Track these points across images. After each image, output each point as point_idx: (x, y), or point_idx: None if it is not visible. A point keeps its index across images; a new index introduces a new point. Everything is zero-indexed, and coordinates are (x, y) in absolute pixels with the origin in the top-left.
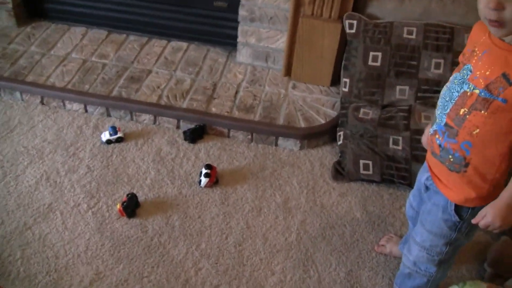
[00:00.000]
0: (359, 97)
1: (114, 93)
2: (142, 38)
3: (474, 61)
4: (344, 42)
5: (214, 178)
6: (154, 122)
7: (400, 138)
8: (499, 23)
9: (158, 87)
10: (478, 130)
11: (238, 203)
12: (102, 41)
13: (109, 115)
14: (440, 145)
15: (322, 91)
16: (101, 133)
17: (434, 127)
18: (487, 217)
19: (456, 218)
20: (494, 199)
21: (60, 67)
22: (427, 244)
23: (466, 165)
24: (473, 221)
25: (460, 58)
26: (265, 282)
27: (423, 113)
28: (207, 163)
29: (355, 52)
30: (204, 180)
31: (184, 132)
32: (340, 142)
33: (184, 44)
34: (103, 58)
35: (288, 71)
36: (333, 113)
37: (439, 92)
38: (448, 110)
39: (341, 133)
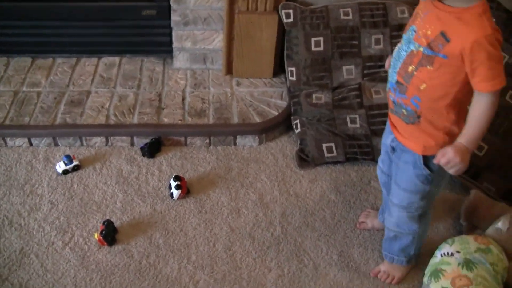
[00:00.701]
0: (308, 83)
1: (58, 120)
2: (71, 59)
3: (417, 22)
4: (281, 32)
5: (186, 188)
6: (107, 143)
7: (357, 116)
8: None
9: (103, 107)
10: (425, 85)
11: (215, 208)
12: (29, 68)
13: (57, 144)
14: (393, 101)
15: (266, 83)
16: (54, 164)
17: (388, 85)
18: (448, 153)
19: (427, 171)
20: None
21: None
22: (405, 203)
23: (418, 117)
24: (435, 160)
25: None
26: (265, 280)
27: (373, 89)
28: (175, 174)
29: (296, 40)
30: (176, 193)
31: (142, 148)
32: (298, 130)
33: (116, 59)
34: (35, 86)
35: (229, 69)
36: (283, 103)
37: (383, 66)
38: (398, 68)
39: (297, 121)
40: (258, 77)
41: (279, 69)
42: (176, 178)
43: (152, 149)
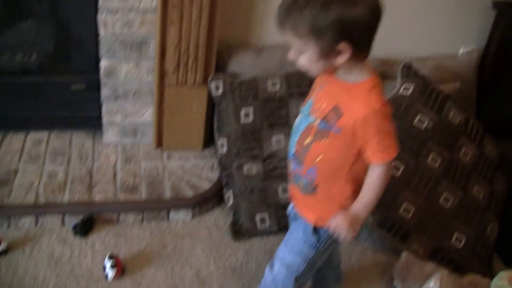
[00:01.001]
0: (239, 155)
1: None
2: None
3: (314, 95)
4: (211, 104)
5: (121, 267)
6: (37, 224)
7: (288, 185)
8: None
9: (32, 185)
10: (320, 158)
11: (152, 287)
12: None
13: None
14: (293, 172)
15: (197, 155)
16: None
17: (289, 156)
18: (337, 220)
19: (314, 239)
20: None
21: None
22: (286, 261)
23: (314, 188)
24: (326, 225)
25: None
26: None
27: None
28: (109, 253)
29: (226, 112)
30: (111, 273)
31: (74, 227)
32: (230, 203)
33: (44, 134)
34: None
35: (159, 142)
36: (214, 175)
37: None
38: (296, 140)
39: (229, 193)
40: (188, 149)
41: (209, 141)
42: (111, 257)
43: (84, 228)
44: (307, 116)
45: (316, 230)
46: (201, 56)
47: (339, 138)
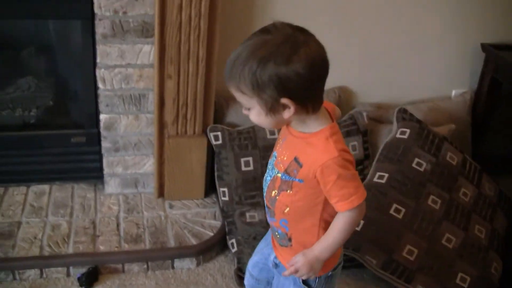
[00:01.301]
0: (241, 203)
1: None
2: None
3: (277, 148)
4: (211, 153)
5: None
6: (41, 276)
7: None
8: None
9: (35, 238)
10: (288, 209)
11: None
12: None
13: None
14: (269, 224)
15: (199, 204)
16: None
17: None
18: (297, 263)
19: None
20: (329, 266)
21: None
22: None
23: (290, 239)
24: (287, 269)
25: None
26: None
27: None
28: None
29: (226, 161)
30: None
31: (79, 278)
32: (234, 249)
33: (46, 187)
34: None
35: (161, 192)
36: (217, 223)
37: None
38: (265, 193)
39: (233, 240)
40: (190, 198)
41: (210, 189)
42: None
43: (89, 279)
44: (272, 168)
45: (305, 282)
46: (200, 107)
47: (304, 188)
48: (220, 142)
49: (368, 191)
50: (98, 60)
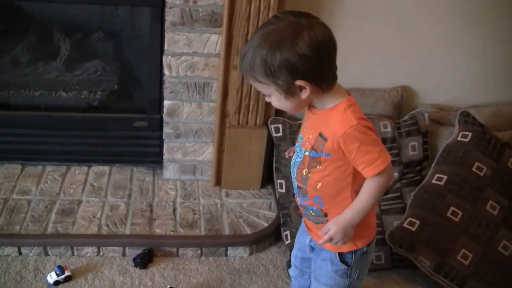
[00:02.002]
0: None
1: (49, 230)
2: (60, 167)
3: (302, 129)
4: (270, 145)
5: None
6: (98, 254)
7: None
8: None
9: (94, 217)
10: (320, 184)
11: None
12: (18, 176)
13: (47, 254)
14: (301, 205)
15: (255, 194)
16: (44, 275)
17: (294, 191)
18: (330, 231)
19: (344, 266)
20: (362, 236)
21: None
22: None
23: (325, 215)
24: (320, 238)
25: None
26: None
27: None
28: (168, 286)
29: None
30: None
31: (134, 259)
32: (288, 241)
33: (106, 168)
34: (25, 194)
35: (218, 180)
36: (272, 215)
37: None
38: (295, 174)
39: (287, 232)
40: (246, 188)
41: (266, 181)
42: None
43: (144, 260)
44: (300, 150)
45: (342, 257)
46: (262, 99)
47: (332, 161)
48: (280, 134)
49: (426, 192)
50: (165, 47)
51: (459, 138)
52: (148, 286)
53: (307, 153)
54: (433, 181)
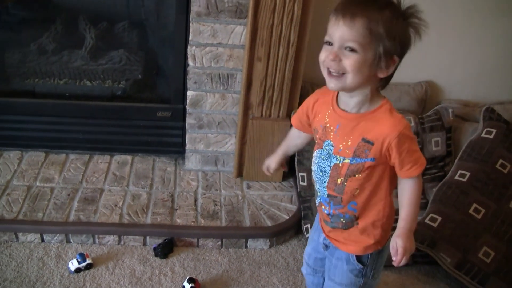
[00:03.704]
0: None
1: (71, 217)
2: (83, 155)
3: (331, 136)
4: None
5: None
6: (119, 242)
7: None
8: (338, 75)
9: (116, 206)
10: (358, 191)
11: None
12: (42, 163)
13: (69, 241)
14: (329, 214)
15: (276, 187)
16: (66, 262)
17: (318, 199)
18: (400, 248)
19: (360, 265)
20: (387, 239)
21: (4, 197)
22: None
23: (357, 219)
24: (394, 261)
25: (295, 123)
26: None
27: None
28: (188, 276)
29: (308, 146)
30: None
31: (155, 249)
32: (308, 235)
33: (128, 157)
34: (48, 181)
35: (239, 172)
36: (293, 207)
37: None
38: (326, 183)
39: (308, 225)
40: (268, 180)
41: (288, 173)
42: (190, 280)
43: (165, 250)
44: (330, 158)
45: (358, 256)
46: (286, 91)
47: (374, 167)
48: None
49: (449, 188)
50: (190, 37)
51: (483, 135)
52: (168, 276)
53: (346, 161)
54: (456, 177)
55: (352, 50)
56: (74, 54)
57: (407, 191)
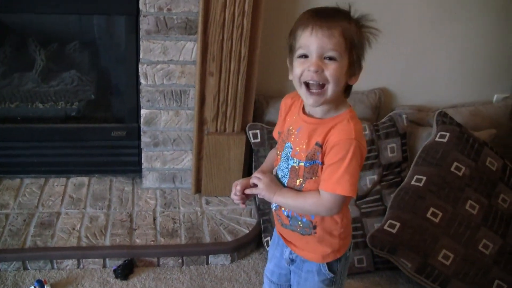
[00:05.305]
0: None
1: (28, 243)
2: (39, 179)
3: (292, 139)
4: (249, 151)
5: None
6: (78, 266)
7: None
8: (318, 91)
9: (74, 229)
10: None
11: None
12: None
13: (26, 268)
14: (288, 216)
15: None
16: None
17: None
18: (260, 182)
19: (331, 274)
20: (346, 248)
21: None
22: None
23: (314, 227)
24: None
25: (276, 136)
26: None
27: None
28: None
29: (264, 159)
30: None
31: (115, 270)
32: (269, 247)
33: (85, 179)
34: (3, 208)
35: (198, 188)
36: (252, 221)
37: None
38: (286, 184)
39: (268, 238)
40: (226, 195)
41: None
42: None
43: (125, 271)
44: (287, 160)
45: (329, 265)
46: (240, 105)
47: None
48: (258, 140)
49: (406, 193)
50: (141, 55)
51: (437, 139)
52: None
53: (302, 164)
54: (413, 183)
55: (332, 58)
56: (24, 77)
57: (310, 193)
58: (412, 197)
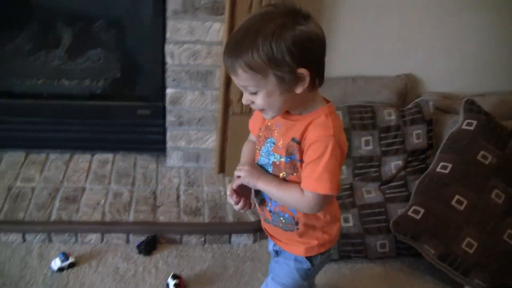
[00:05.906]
0: None
1: (53, 217)
2: (64, 155)
3: (275, 134)
4: None
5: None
6: (102, 240)
7: (350, 215)
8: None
9: (98, 204)
10: None
11: None
12: (22, 164)
13: (51, 240)
14: (270, 211)
15: None
16: (48, 261)
17: (260, 196)
18: (242, 170)
19: (309, 264)
20: (331, 244)
21: None
22: None
23: (297, 223)
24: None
25: (256, 131)
26: None
27: (364, 189)
28: (172, 273)
29: None
30: None
31: (138, 246)
32: None
33: (109, 156)
34: (29, 182)
35: (221, 168)
36: None
37: (373, 166)
38: None
39: None
40: None
41: None
42: (174, 276)
43: (148, 247)
44: (269, 155)
45: (308, 257)
46: None
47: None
48: None
49: (431, 180)
50: (167, 35)
51: (464, 127)
52: (152, 273)
53: (283, 160)
54: (438, 170)
55: (252, 92)
56: (51, 54)
57: (295, 186)
58: (437, 184)
